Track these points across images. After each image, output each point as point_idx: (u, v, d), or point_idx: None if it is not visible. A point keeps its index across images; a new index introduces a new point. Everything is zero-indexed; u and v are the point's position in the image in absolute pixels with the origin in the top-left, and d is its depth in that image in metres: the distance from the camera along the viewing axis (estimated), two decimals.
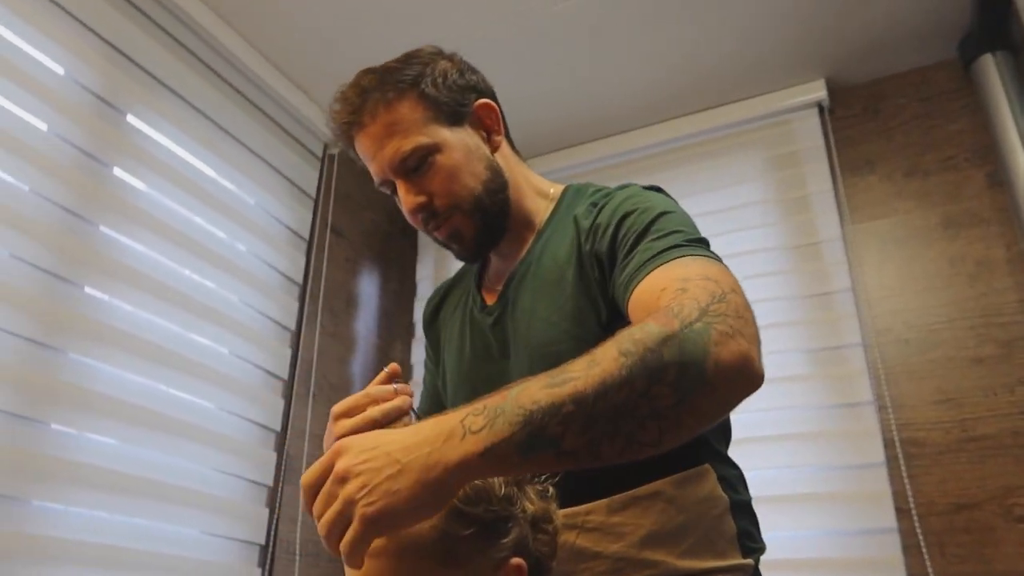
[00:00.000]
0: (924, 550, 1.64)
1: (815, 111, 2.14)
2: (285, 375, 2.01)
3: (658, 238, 0.84)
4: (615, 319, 0.87)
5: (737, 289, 0.75)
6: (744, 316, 0.71)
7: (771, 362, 2.06)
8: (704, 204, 2.17)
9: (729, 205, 2.14)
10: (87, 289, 1.56)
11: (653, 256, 0.81)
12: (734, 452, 0.98)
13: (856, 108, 2.13)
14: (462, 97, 0.99)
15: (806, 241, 2.01)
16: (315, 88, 2.16)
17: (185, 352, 1.72)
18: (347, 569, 0.65)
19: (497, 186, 0.99)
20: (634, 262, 0.83)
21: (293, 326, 2.07)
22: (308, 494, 0.62)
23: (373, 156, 0.97)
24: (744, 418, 1.86)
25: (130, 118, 1.72)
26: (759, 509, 0.97)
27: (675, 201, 0.96)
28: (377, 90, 0.95)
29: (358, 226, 2.39)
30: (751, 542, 0.91)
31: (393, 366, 0.85)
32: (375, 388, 0.80)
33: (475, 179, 0.97)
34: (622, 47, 2.03)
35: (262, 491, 1.88)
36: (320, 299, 2.15)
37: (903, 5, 1.90)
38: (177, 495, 1.63)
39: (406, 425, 0.77)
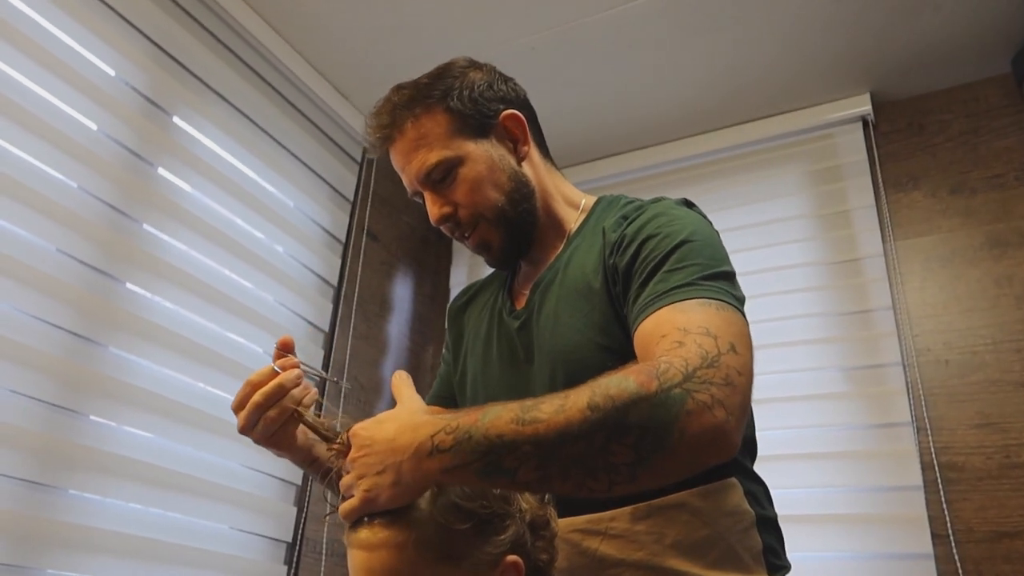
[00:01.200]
0: None
1: (859, 125, 2.10)
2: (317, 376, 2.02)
3: (673, 271, 0.84)
4: None
5: (738, 346, 0.75)
6: (733, 383, 0.71)
7: (808, 379, 2.05)
8: (744, 217, 2.14)
9: (769, 219, 2.12)
10: (129, 285, 1.59)
11: (663, 293, 0.81)
12: (767, 469, 0.97)
13: (901, 123, 2.09)
14: (488, 109, 1.02)
15: (847, 257, 1.98)
16: (355, 93, 2.19)
17: (221, 350, 1.74)
18: (350, 557, 0.74)
19: (521, 196, 1.02)
20: (645, 295, 0.84)
21: (327, 328, 2.09)
22: None
23: (403, 169, 1.03)
24: (778, 435, 1.84)
25: (176, 119, 1.76)
26: (791, 528, 0.95)
27: (706, 220, 0.95)
28: (406, 107, 1.01)
29: (394, 230, 2.41)
30: (776, 559, 0.90)
31: (283, 338, 0.92)
32: (254, 375, 0.88)
33: (498, 190, 1.00)
34: (663, 57, 2.02)
35: (291, 489, 1.90)
36: (354, 302, 2.17)
37: (954, 19, 1.86)
38: (208, 490, 1.65)
39: (302, 396, 0.88)
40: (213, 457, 1.68)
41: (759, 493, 0.93)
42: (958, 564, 1.60)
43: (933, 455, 1.71)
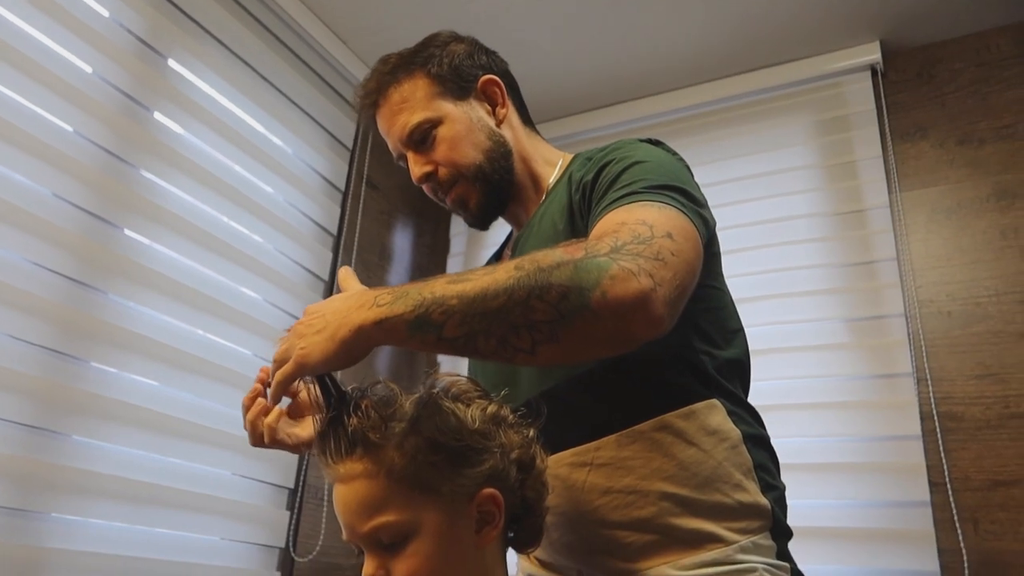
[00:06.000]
0: (957, 525, 1.61)
1: (868, 74, 2.06)
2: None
3: (622, 187, 0.86)
4: None
5: (676, 234, 0.76)
6: (664, 259, 0.72)
7: (809, 330, 2.05)
8: (749, 167, 2.12)
9: (774, 169, 2.09)
10: (127, 231, 1.57)
11: (609, 203, 0.84)
12: (768, 418, 0.96)
13: (910, 72, 2.05)
14: (467, 74, 1.08)
15: (852, 208, 1.96)
16: (355, 39, 2.14)
17: (221, 297, 1.74)
18: (333, 492, 0.75)
19: (499, 155, 1.06)
20: (596, 212, 0.86)
21: (327, 276, 2.08)
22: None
23: (388, 132, 1.09)
24: (781, 385, 1.85)
25: (171, 63, 1.72)
26: (792, 476, 0.95)
27: (668, 152, 0.97)
28: (390, 74, 1.07)
29: (393, 180, 2.38)
30: (769, 477, 0.90)
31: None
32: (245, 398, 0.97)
33: (476, 149, 1.05)
34: (669, 2, 1.97)
35: None
36: (354, 251, 2.16)
37: None
38: (210, 436, 1.66)
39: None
40: (214, 404, 1.69)
41: (746, 413, 0.93)
42: (954, 511, 1.62)
43: (933, 405, 1.72)
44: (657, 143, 0.99)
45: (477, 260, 2.39)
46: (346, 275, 0.86)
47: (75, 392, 1.43)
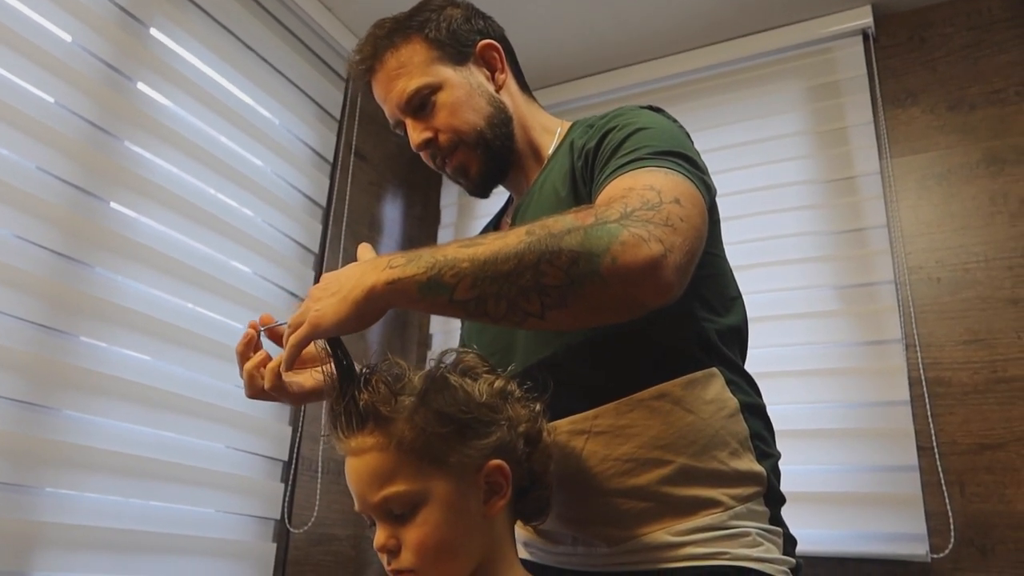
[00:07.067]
0: (944, 488, 1.63)
1: (859, 39, 2.04)
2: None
3: (626, 153, 0.86)
4: None
5: (683, 200, 0.76)
6: (673, 225, 0.73)
7: (801, 297, 2.05)
8: (738, 135, 2.11)
9: (764, 136, 2.08)
10: (113, 204, 1.56)
11: (615, 170, 0.84)
12: (759, 385, 0.97)
13: (902, 36, 2.04)
14: (465, 39, 1.06)
15: (842, 175, 1.95)
16: (341, 7, 2.10)
17: (209, 270, 1.72)
18: (346, 466, 0.76)
19: (500, 120, 1.05)
20: (601, 179, 0.86)
21: (316, 248, 2.07)
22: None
23: (385, 98, 1.06)
24: (770, 352, 1.86)
25: (153, 31, 1.69)
26: (782, 442, 0.96)
27: (669, 119, 0.97)
28: (386, 38, 1.04)
29: (382, 150, 2.36)
30: (765, 446, 0.91)
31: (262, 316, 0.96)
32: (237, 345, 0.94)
33: (477, 114, 1.04)
34: None
35: (285, 410, 1.91)
36: (344, 222, 2.15)
37: None
38: (202, 409, 1.65)
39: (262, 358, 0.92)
40: (205, 377, 1.68)
41: (744, 382, 0.93)
42: (941, 475, 1.65)
43: (921, 371, 1.73)
44: (658, 110, 0.98)
45: (468, 230, 2.38)
46: (364, 250, 0.86)
47: (65, 367, 1.42)
